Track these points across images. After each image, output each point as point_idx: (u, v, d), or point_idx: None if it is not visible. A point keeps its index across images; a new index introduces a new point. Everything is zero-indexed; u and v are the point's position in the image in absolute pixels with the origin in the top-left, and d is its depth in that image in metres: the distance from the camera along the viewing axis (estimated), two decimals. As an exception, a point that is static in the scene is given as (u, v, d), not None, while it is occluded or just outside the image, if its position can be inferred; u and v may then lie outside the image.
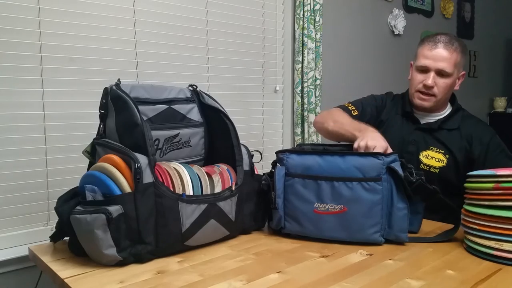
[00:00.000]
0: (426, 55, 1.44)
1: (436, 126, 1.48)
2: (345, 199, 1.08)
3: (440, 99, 1.46)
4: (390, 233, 1.09)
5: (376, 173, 1.08)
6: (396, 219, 1.08)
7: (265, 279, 0.90)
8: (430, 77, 1.42)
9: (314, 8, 2.24)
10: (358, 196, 1.08)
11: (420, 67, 1.46)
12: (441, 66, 1.41)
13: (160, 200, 0.99)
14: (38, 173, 1.51)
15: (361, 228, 1.08)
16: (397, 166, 1.09)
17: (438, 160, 1.44)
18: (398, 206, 1.08)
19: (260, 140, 2.24)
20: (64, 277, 0.91)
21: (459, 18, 3.55)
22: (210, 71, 1.99)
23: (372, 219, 1.08)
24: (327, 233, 1.11)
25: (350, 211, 1.08)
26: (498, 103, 3.98)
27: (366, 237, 1.09)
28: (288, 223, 1.15)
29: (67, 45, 1.55)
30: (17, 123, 1.46)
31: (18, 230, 1.49)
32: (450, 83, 1.44)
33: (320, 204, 1.10)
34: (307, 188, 1.12)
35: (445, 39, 1.44)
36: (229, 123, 1.19)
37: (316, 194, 1.11)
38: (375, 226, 1.08)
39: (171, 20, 1.84)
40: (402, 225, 1.08)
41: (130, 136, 1.03)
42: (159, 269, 0.95)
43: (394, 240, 1.10)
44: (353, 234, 1.09)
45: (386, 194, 1.08)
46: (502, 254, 0.96)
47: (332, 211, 1.09)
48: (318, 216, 1.11)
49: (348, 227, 1.09)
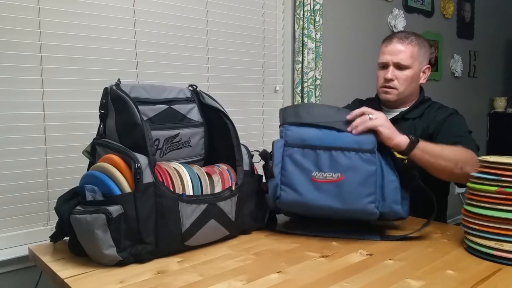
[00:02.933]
0: (383, 51, 1.52)
1: (400, 117, 1.52)
2: (343, 168, 1.11)
3: (402, 92, 1.49)
4: (384, 205, 1.13)
5: (371, 146, 1.13)
6: (389, 191, 1.13)
7: (265, 279, 0.90)
8: (389, 71, 1.49)
9: (314, 8, 2.24)
10: (355, 165, 1.11)
11: (380, 64, 1.53)
12: (396, 59, 1.47)
13: (160, 200, 0.99)
14: (38, 173, 1.51)
15: (357, 197, 1.11)
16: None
17: None
18: (389, 179, 1.13)
19: (260, 140, 2.24)
20: (64, 277, 0.91)
21: (459, 18, 3.55)
22: (210, 71, 1.99)
23: (368, 188, 1.11)
24: (323, 201, 1.12)
25: (347, 179, 1.11)
26: (498, 103, 3.98)
27: (362, 206, 1.11)
28: (284, 192, 1.15)
29: (67, 45, 1.55)
30: (17, 123, 1.46)
31: (18, 230, 1.49)
32: (410, 75, 1.48)
33: (318, 173, 1.12)
34: (305, 157, 1.14)
35: (401, 35, 1.52)
36: (229, 123, 1.19)
37: (314, 163, 1.13)
38: (370, 196, 1.11)
39: (171, 20, 1.84)
40: (395, 196, 1.13)
41: (130, 136, 1.03)
42: (159, 269, 0.95)
43: (388, 214, 1.13)
44: (349, 202, 1.11)
45: (380, 166, 1.13)
46: (502, 254, 0.96)
47: (330, 179, 1.11)
48: (315, 184, 1.12)
49: (344, 195, 1.11)
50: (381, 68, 1.53)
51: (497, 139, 3.91)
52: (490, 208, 0.99)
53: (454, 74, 3.55)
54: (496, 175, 0.99)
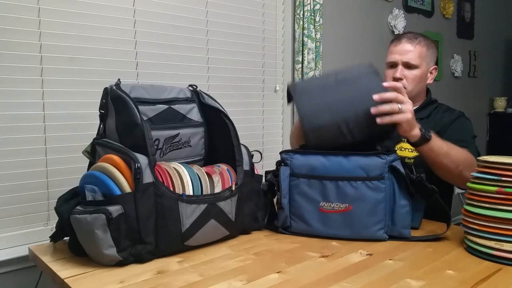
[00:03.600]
0: (392, 51, 1.53)
1: None
2: (350, 198, 1.11)
3: (411, 91, 1.49)
4: (393, 229, 1.12)
5: (379, 172, 1.11)
6: (399, 216, 1.12)
7: (265, 279, 0.90)
8: (398, 70, 1.49)
9: (314, 8, 2.24)
10: (362, 194, 1.10)
11: (389, 63, 1.54)
12: (406, 58, 1.48)
13: (160, 200, 0.99)
14: (38, 173, 1.51)
15: (366, 226, 1.11)
16: (398, 165, 1.12)
17: (411, 150, 1.47)
18: (400, 204, 1.12)
19: (260, 140, 2.24)
20: (64, 277, 0.91)
21: (459, 18, 3.55)
22: (210, 71, 1.99)
23: (376, 216, 1.11)
24: (332, 231, 1.13)
25: (354, 210, 1.11)
26: (498, 103, 3.98)
27: (370, 234, 1.12)
28: (294, 222, 1.17)
29: (67, 45, 1.55)
30: (17, 123, 1.46)
31: (18, 230, 1.49)
32: (418, 74, 1.49)
33: (325, 203, 1.13)
34: (312, 187, 1.14)
35: (409, 35, 1.53)
36: (229, 123, 1.19)
37: (321, 193, 1.13)
38: (379, 224, 1.11)
39: (171, 20, 1.84)
40: (404, 221, 1.12)
41: (130, 136, 1.03)
42: (159, 269, 0.95)
43: (396, 236, 1.13)
44: (357, 231, 1.12)
45: (389, 192, 1.11)
46: (502, 254, 0.96)
47: (338, 209, 1.12)
48: (324, 214, 1.13)
49: (353, 225, 1.12)
50: (389, 68, 1.54)
51: (497, 139, 3.91)
52: (490, 208, 0.99)
53: (454, 74, 3.55)
54: (496, 175, 0.99)
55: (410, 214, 1.12)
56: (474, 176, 1.05)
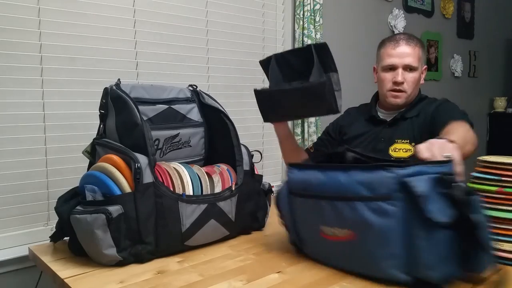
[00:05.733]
0: (391, 53, 1.48)
1: (399, 116, 1.51)
2: (350, 223, 0.87)
3: (410, 95, 1.49)
4: (418, 270, 0.82)
5: (385, 190, 0.82)
6: (419, 251, 0.81)
7: (265, 279, 0.90)
8: (399, 74, 1.47)
9: (314, 8, 2.24)
10: (364, 219, 0.84)
11: (387, 66, 1.50)
12: (407, 61, 1.46)
13: (160, 200, 0.99)
14: (38, 173, 1.51)
15: (373, 260, 0.85)
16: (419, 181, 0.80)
17: (405, 150, 1.46)
18: (418, 234, 0.80)
19: (260, 140, 2.24)
20: (64, 277, 0.92)
21: (459, 18, 3.55)
22: (210, 71, 1.99)
23: (387, 249, 0.83)
24: (339, 263, 0.94)
25: (359, 239, 0.86)
26: (498, 103, 3.98)
27: (381, 271, 0.85)
28: (304, 245, 1.02)
29: (67, 45, 1.55)
30: (17, 123, 1.46)
31: (18, 230, 1.49)
32: (417, 77, 1.49)
33: (325, 227, 0.92)
34: (309, 208, 0.95)
35: (405, 36, 1.51)
36: (229, 123, 1.19)
37: (319, 216, 0.92)
38: (391, 259, 0.83)
39: (171, 20, 1.84)
40: (426, 259, 0.80)
41: (130, 136, 1.03)
42: (159, 269, 0.95)
43: (424, 279, 0.82)
44: (365, 266, 0.88)
45: (402, 217, 0.81)
46: (502, 254, 0.96)
47: (339, 236, 0.89)
48: (325, 241, 0.92)
49: (358, 257, 0.88)
50: (387, 71, 1.50)
51: (497, 139, 3.91)
52: (490, 208, 0.99)
53: (454, 74, 3.55)
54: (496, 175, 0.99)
55: (429, 248, 0.80)
56: (474, 176, 1.06)
